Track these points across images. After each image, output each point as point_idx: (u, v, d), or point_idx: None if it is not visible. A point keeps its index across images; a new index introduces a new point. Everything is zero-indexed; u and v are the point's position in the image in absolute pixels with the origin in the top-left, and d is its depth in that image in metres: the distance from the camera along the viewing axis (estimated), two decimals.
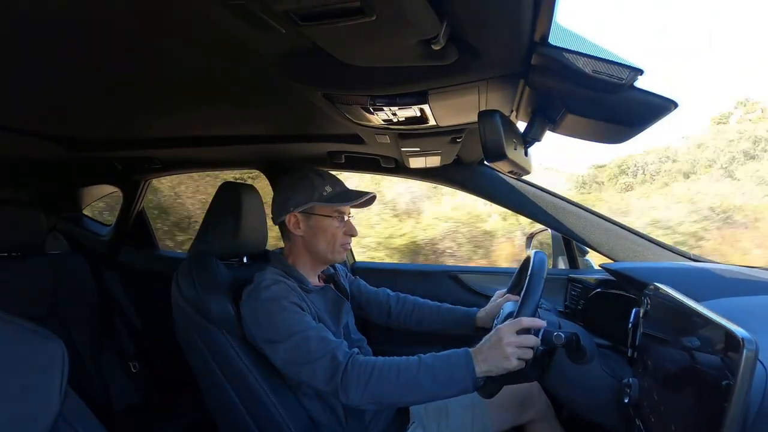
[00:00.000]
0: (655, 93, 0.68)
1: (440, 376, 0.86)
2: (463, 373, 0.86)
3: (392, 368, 0.88)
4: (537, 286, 0.87)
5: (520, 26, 0.58)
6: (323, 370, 0.89)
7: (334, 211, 1.09)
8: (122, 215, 1.98)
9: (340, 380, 0.87)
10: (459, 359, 0.88)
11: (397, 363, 0.89)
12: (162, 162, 1.63)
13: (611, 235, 1.28)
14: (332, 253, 1.11)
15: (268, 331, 0.96)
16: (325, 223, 1.09)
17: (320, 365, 0.89)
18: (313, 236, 1.09)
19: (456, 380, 0.86)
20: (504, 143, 0.73)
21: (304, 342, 0.92)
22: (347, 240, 1.12)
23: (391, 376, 0.87)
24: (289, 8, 0.51)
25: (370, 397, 0.87)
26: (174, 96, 0.99)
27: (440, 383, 0.86)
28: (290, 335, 0.93)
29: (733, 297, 0.84)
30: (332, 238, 1.09)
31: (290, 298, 0.98)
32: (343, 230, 1.11)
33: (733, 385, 0.46)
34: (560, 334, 0.84)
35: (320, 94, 0.83)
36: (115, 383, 1.67)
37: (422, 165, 1.35)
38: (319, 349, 0.90)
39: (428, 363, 0.88)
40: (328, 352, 0.90)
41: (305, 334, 0.93)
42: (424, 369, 0.87)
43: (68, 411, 0.56)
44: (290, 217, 1.09)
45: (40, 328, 0.57)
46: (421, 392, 0.86)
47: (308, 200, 1.08)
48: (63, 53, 0.73)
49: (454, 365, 0.87)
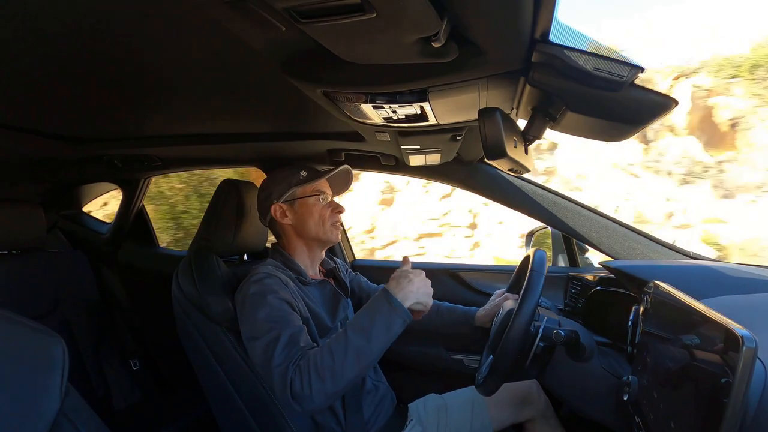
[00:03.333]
0: (655, 91, 0.68)
1: (372, 329, 0.86)
2: (388, 312, 0.87)
3: (324, 353, 0.85)
4: (537, 284, 0.87)
5: (520, 23, 0.58)
6: (278, 379, 0.86)
7: (314, 190, 1.12)
8: (122, 213, 1.99)
9: (289, 392, 0.84)
10: (378, 303, 0.90)
11: (327, 345, 0.86)
12: (162, 160, 1.63)
13: (611, 232, 1.28)
14: (324, 233, 1.12)
15: (249, 327, 0.95)
16: (309, 203, 1.11)
17: (276, 373, 0.86)
18: (301, 220, 1.11)
19: (386, 323, 0.87)
20: (504, 141, 0.73)
21: (273, 343, 0.89)
22: (336, 217, 1.14)
23: (325, 362, 0.84)
24: (290, 5, 0.51)
25: (320, 396, 0.83)
26: (174, 94, 0.99)
27: (375, 335, 0.86)
28: (265, 333, 0.91)
29: (733, 295, 0.84)
30: (320, 217, 1.11)
31: (278, 293, 0.96)
32: (329, 209, 1.13)
33: (732, 383, 0.46)
34: (560, 331, 0.84)
35: (320, 92, 0.83)
36: (116, 380, 1.67)
37: (422, 163, 1.35)
38: (279, 357, 0.87)
39: (352, 324, 0.88)
40: (284, 362, 0.86)
41: (279, 333, 0.90)
42: (351, 333, 0.86)
43: (69, 408, 0.56)
44: (275, 208, 1.11)
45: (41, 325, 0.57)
46: (363, 356, 0.85)
47: (287, 187, 1.11)
48: (62, 51, 0.73)
49: (376, 310, 0.89)
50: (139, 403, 1.69)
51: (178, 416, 1.57)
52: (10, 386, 0.50)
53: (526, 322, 0.84)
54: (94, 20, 0.63)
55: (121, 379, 1.70)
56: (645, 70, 0.62)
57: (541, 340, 0.85)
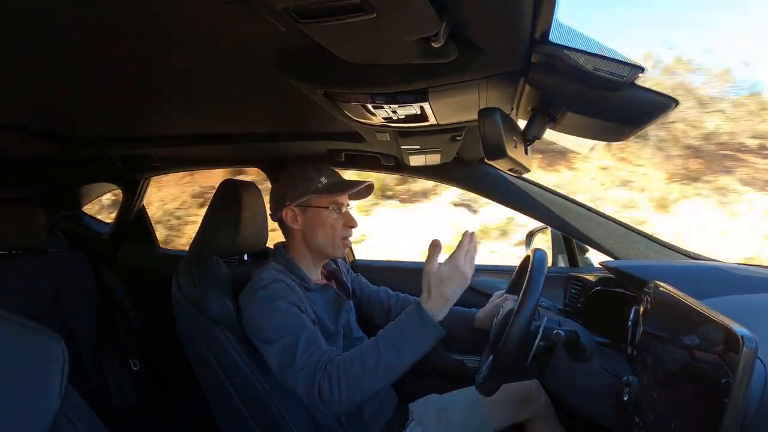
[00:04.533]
0: (655, 91, 0.68)
1: (403, 345, 0.85)
2: (421, 330, 0.85)
3: (354, 362, 0.85)
4: (537, 284, 0.87)
5: (520, 23, 0.58)
6: (303, 382, 0.86)
7: (331, 202, 1.08)
8: (122, 213, 1.99)
9: (317, 396, 0.84)
10: (411, 318, 0.86)
11: (359, 354, 0.86)
12: (162, 160, 1.63)
13: (611, 232, 1.28)
14: (332, 248, 1.09)
15: (261, 331, 0.95)
16: (322, 215, 1.07)
17: (301, 377, 0.87)
18: (312, 229, 1.08)
19: (418, 339, 0.85)
20: (504, 141, 0.73)
21: (292, 347, 0.89)
22: (347, 233, 1.10)
23: (355, 371, 0.84)
24: (289, 6, 0.51)
25: (348, 403, 0.84)
26: (174, 94, 0.99)
27: (406, 351, 0.84)
28: (281, 337, 0.91)
29: (733, 295, 0.84)
30: (331, 230, 1.08)
31: (287, 297, 0.97)
32: (342, 222, 1.09)
33: (732, 383, 0.46)
34: (560, 331, 0.84)
35: (320, 92, 0.83)
36: (116, 381, 1.67)
37: (422, 163, 1.35)
38: (302, 360, 0.87)
39: (385, 338, 0.86)
40: (309, 365, 0.87)
41: (296, 337, 0.90)
42: (383, 347, 0.85)
43: (68, 409, 0.56)
44: (287, 211, 1.09)
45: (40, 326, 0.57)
46: (393, 370, 0.84)
47: (304, 192, 1.07)
48: (62, 50, 0.73)
49: (408, 327, 0.86)
50: (139, 404, 1.69)
51: (178, 416, 1.57)
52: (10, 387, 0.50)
53: (526, 321, 0.84)
54: (93, 20, 0.63)
55: (121, 379, 1.69)
56: (645, 70, 0.62)
57: (541, 340, 0.85)
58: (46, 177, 1.85)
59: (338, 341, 1.08)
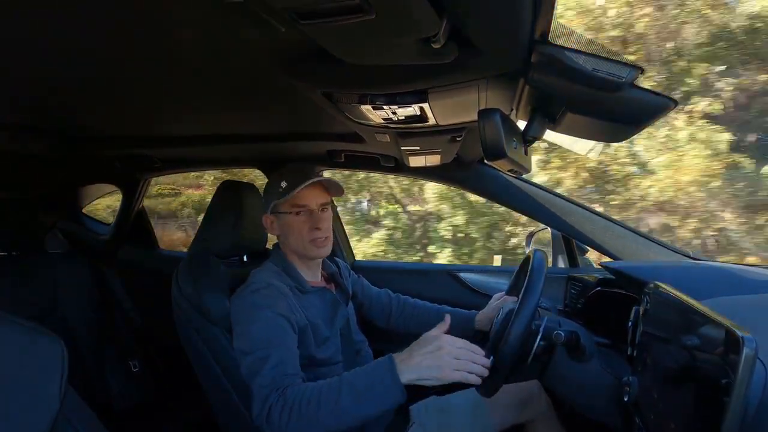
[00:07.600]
0: (654, 91, 0.68)
1: (363, 394, 0.80)
2: (386, 386, 0.80)
3: (313, 397, 0.82)
4: (537, 285, 0.87)
5: (520, 24, 0.58)
6: (259, 397, 0.85)
7: (293, 206, 1.06)
8: (122, 214, 1.99)
9: (266, 415, 0.83)
10: (380, 371, 0.81)
11: (319, 390, 0.82)
12: (162, 161, 1.63)
13: (611, 233, 1.28)
14: (305, 250, 1.07)
15: (240, 337, 0.95)
16: (288, 219, 1.07)
17: (259, 391, 0.85)
18: (285, 235, 1.09)
19: (380, 395, 0.80)
20: (504, 142, 0.73)
21: (263, 360, 0.88)
22: (315, 234, 1.06)
23: (311, 406, 0.81)
24: (289, 6, 0.51)
25: None
26: (174, 94, 0.99)
27: (365, 402, 0.80)
28: (256, 349, 0.90)
29: (733, 295, 0.84)
30: (298, 234, 1.06)
31: (276, 307, 0.95)
32: (308, 225, 1.06)
33: (732, 384, 0.46)
34: (560, 332, 0.84)
35: (320, 93, 0.83)
36: (115, 382, 1.67)
37: (422, 164, 1.35)
38: (266, 377, 0.86)
39: (349, 381, 0.82)
40: (271, 383, 0.85)
41: (268, 353, 0.89)
42: (345, 390, 0.81)
43: (68, 410, 0.56)
44: (266, 219, 1.11)
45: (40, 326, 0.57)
46: (347, 417, 0.80)
47: (270, 200, 1.07)
48: (62, 50, 0.73)
49: (376, 379, 0.81)
50: (139, 404, 1.69)
51: (178, 417, 1.57)
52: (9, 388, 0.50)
53: (526, 322, 0.84)
54: (93, 20, 0.63)
55: (121, 379, 1.69)
56: (644, 70, 0.62)
57: (541, 341, 0.85)
58: (45, 177, 1.85)
59: (334, 344, 1.08)
